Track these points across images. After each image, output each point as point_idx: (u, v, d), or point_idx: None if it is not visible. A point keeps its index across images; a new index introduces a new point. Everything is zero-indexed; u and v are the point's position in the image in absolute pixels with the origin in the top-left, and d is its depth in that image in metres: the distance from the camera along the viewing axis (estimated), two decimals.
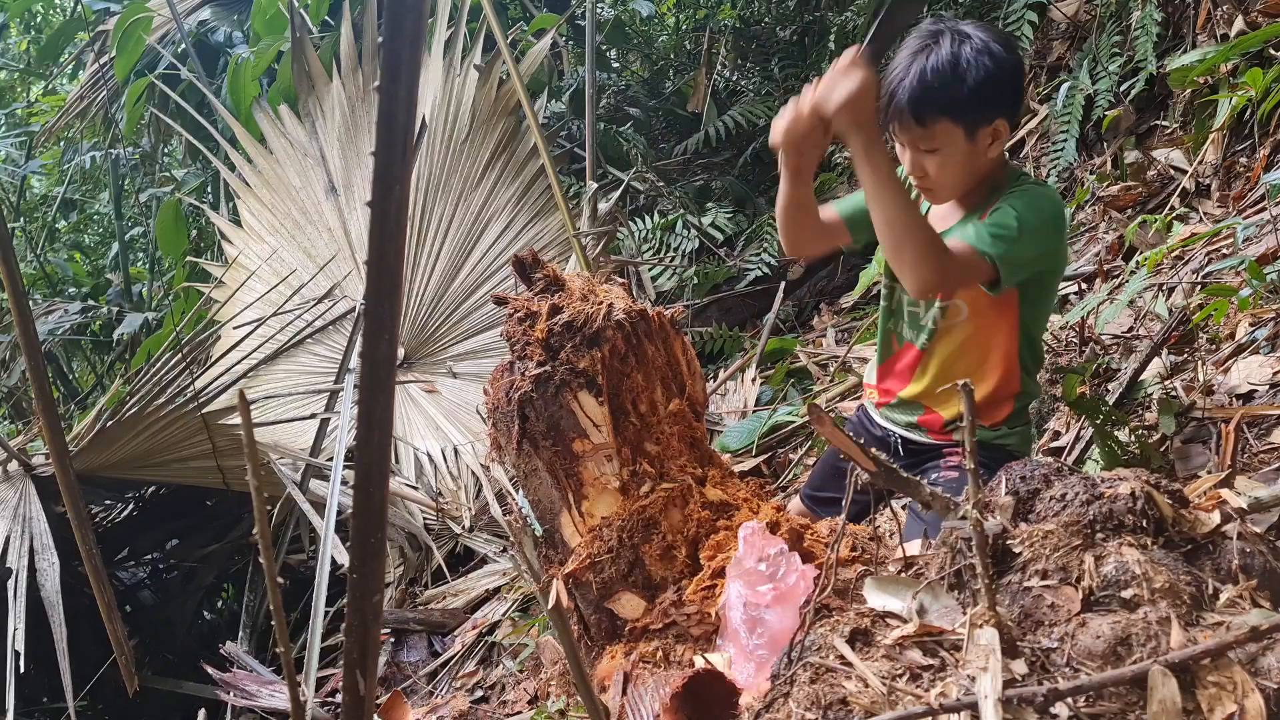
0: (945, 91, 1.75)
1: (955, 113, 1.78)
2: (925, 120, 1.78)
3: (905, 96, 1.77)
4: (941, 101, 1.77)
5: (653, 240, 4.95)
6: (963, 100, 1.77)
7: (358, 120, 4.78)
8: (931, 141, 1.81)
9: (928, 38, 1.79)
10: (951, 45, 1.75)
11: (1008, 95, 1.84)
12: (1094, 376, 2.71)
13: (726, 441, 3.48)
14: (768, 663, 1.48)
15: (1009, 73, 1.81)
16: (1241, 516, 1.32)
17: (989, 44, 1.77)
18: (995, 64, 1.76)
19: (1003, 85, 1.80)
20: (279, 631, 1.19)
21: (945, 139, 1.81)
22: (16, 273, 1.86)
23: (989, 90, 1.77)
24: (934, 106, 1.77)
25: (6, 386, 6.07)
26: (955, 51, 1.75)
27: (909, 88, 1.76)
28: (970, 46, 1.75)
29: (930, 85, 1.75)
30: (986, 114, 1.80)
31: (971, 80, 1.75)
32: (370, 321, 0.99)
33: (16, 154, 7.30)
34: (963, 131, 1.80)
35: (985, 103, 1.79)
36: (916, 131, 1.81)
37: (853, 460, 1.47)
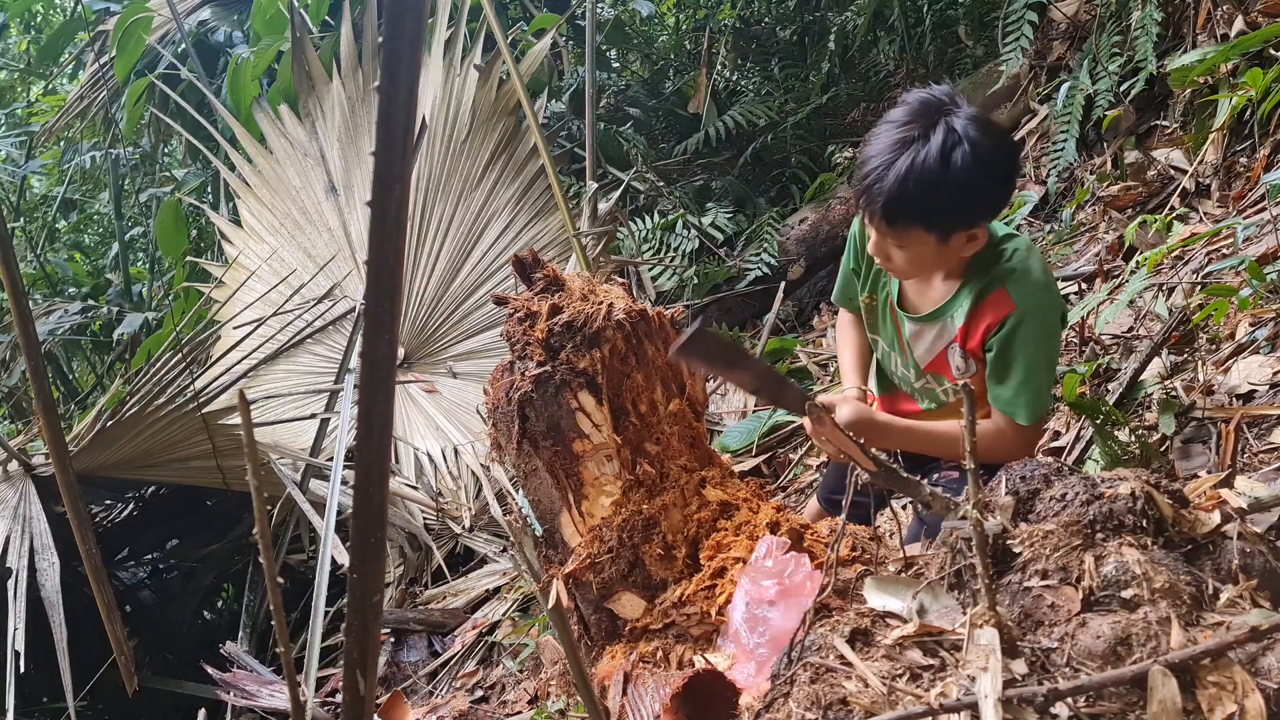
0: (924, 202, 1.62)
1: (931, 224, 1.66)
2: (897, 225, 1.67)
3: (881, 198, 1.63)
4: (917, 213, 1.64)
5: (653, 240, 4.95)
6: (940, 215, 1.65)
7: (358, 120, 4.78)
8: (901, 241, 1.71)
9: (916, 126, 1.62)
10: (942, 148, 1.58)
11: (992, 205, 1.71)
12: (1094, 376, 2.71)
13: (726, 441, 3.49)
14: (768, 662, 1.48)
15: (999, 182, 1.68)
16: (1241, 516, 1.33)
17: (980, 146, 1.59)
18: (983, 174, 1.60)
19: (987, 194, 1.67)
20: (279, 631, 1.19)
21: (916, 241, 1.70)
22: (16, 273, 1.86)
23: (970, 204, 1.65)
24: (909, 215, 1.65)
25: (6, 386, 6.06)
26: (943, 158, 1.58)
27: (887, 190, 1.62)
28: (960, 154, 1.58)
29: (909, 193, 1.60)
30: (965, 223, 1.68)
31: (954, 194, 1.61)
32: (370, 321, 0.99)
33: (16, 154, 7.30)
34: (935, 238, 1.69)
35: (965, 215, 1.67)
36: (885, 229, 1.70)
37: (853, 460, 1.47)
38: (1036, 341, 1.74)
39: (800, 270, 4.75)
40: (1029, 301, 1.72)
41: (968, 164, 1.58)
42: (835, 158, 5.10)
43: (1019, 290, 1.73)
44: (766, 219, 4.83)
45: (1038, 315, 1.73)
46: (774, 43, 5.95)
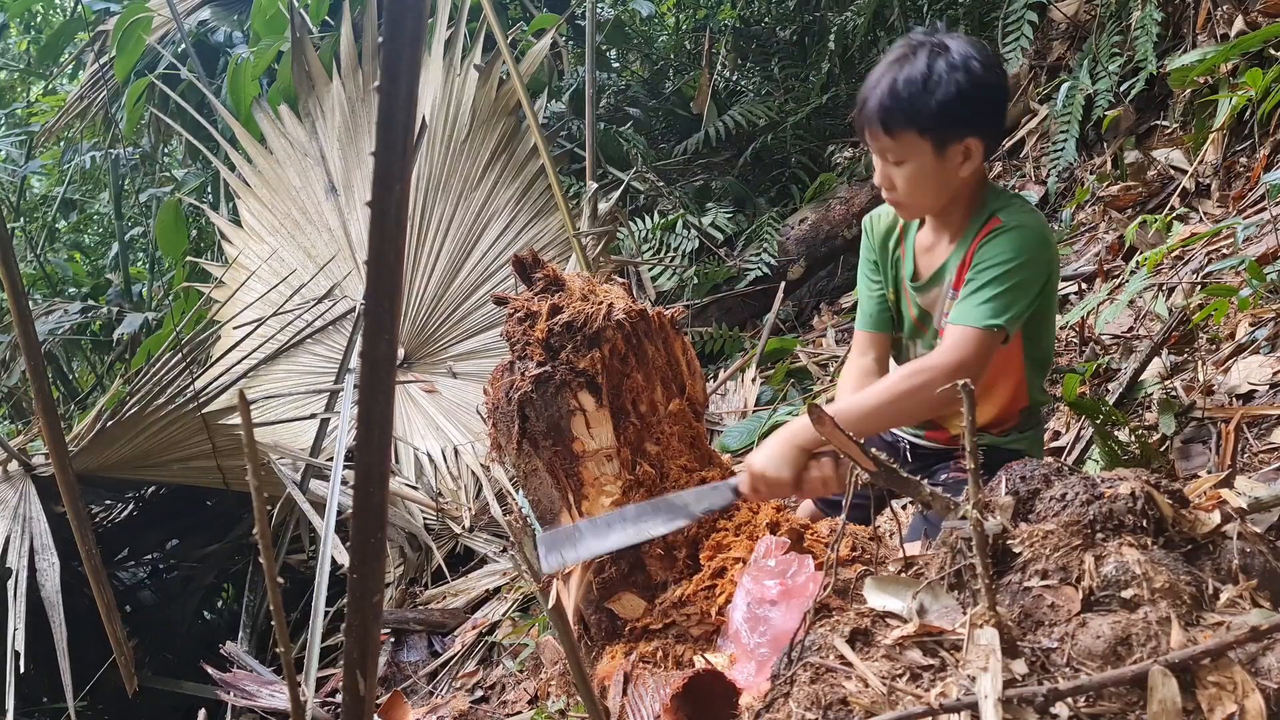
0: (913, 104, 1.73)
1: (922, 126, 1.75)
2: (892, 130, 1.77)
3: (874, 105, 1.76)
4: (908, 113, 1.74)
5: (653, 240, 4.95)
6: (930, 114, 1.73)
7: (358, 120, 4.78)
8: (899, 153, 1.79)
9: (906, 48, 1.77)
10: (928, 58, 1.72)
11: (982, 114, 1.78)
12: (1094, 376, 2.71)
13: (726, 441, 3.48)
14: (768, 662, 1.48)
15: (985, 91, 1.75)
16: (1241, 516, 1.33)
17: (968, 60, 1.72)
18: (970, 81, 1.71)
19: (975, 103, 1.74)
20: (279, 631, 1.19)
21: (912, 152, 1.78)
22: (16, 273, 1.86)
23: (958, 107, 1.73)
24: (901, 118, 1.75)
25: (6, 386, 6.06)
26: (930, 65, 1.72)
27: (879, 97, 1.75)
28: (945, 61, 1.71)
29: (899, 96, 1.73)
30: (956, 131, 1.76)
31: (941, 95, 1.71)
32: (370, 321, 0.99)
33: (16, 154, 7.30)
34: (930, 146, 1.76)
35: (954, 119, 1.74)
36: (884, 141, 1.79)
37: (853, 460, 1.47)
38: (1011, 255, 1.74)
39: (800, 270, 4.75)
40: (1015, 219, 1.78)
41: (952, 68, 1.70)
42: (835, 158, 5.10)
43: (1008, 215, 1.80)
44: (766, 219, 4.83)
45: (1021, 226, 1.77)
46: (774, 43, 5.95)
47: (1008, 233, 1.78)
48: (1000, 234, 1.78)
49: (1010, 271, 1.74)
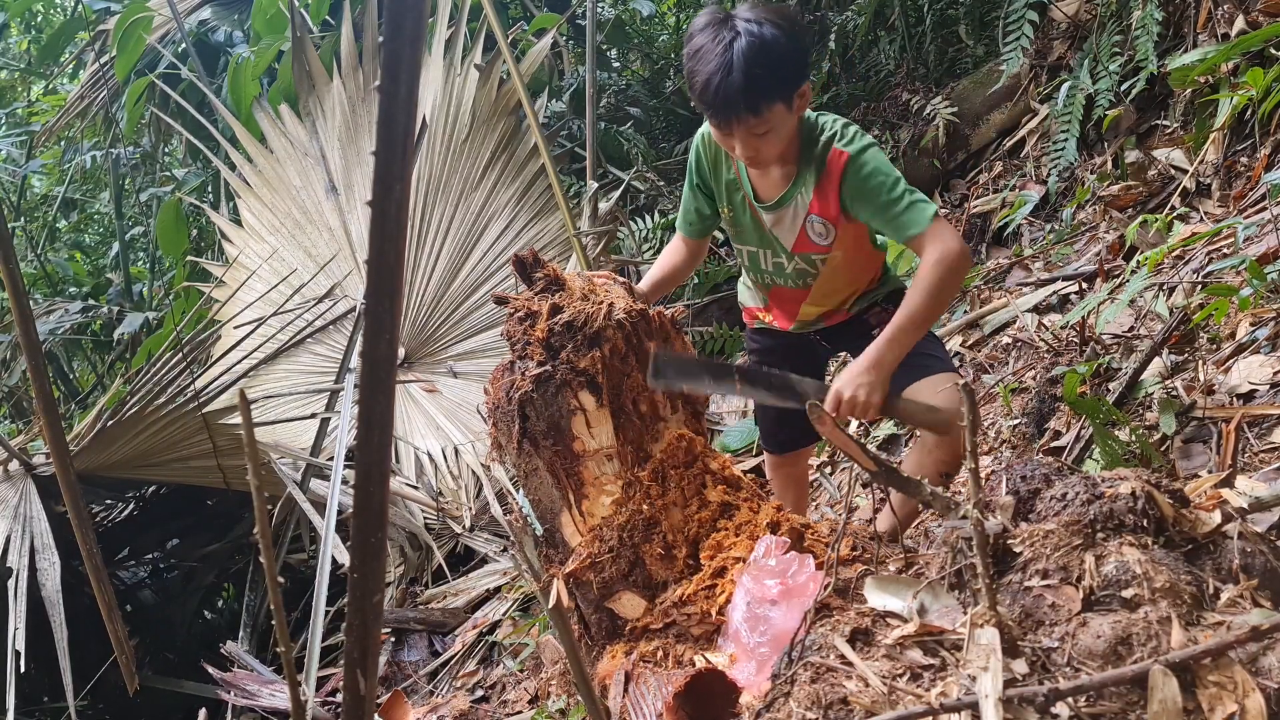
0: (770, 76, 1.83)
1: (782, 93, 1.86)
2: (760, 109, 1.85)
3: (740, 92, 1.82)
4: (769, 87, 1.84)
5: (653, 240, 4.95)
6: (784, 79, 1.85)
7: (358, 120, 4.78)
8: (764, 125, 1.88)
9: (718, 27, 1.85)
10: (749, 31, 1.82)
11: (805, 58, 1.95)
12: (1094, 376, 2.71)
13: (726, 441, 3.49)
14: (769, 661, 1.48)
15: (801, 38, 1.92)
16: (1242, 516, 1.32)
17: (776, 19, 1.85)
18: (793, 35, 1.86)
19: (802, 52, 1.91)
20: (279, 631, 1.19)
21: (775, 119, 1.89)
22: (17, 272, 1.86)
23: (797, 61, 1.88)
24: (766, 94, 1.84)
25: (7, 386, 6.07)
26: (756, 34, 1.81)
27: (737, 84, 1.81)
28: (765, 28, 1.82)
29: (756, 75, 1.81)
30: (799, 82, 1.89)
31: (785, 57, 1.84)
32: (370, 321, 0.99)
33: (17, 154, 7.30)
34: (784, 106, 1.89)
35: (797, 73, 1.88)
36: (751, 121, 1.87)
37: (853, 460, 1.47)
38: (879, 171, 1.95)
39: None
40: (850, 143, 1.97)
41: (777, 31, 1.83)
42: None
43: (841, 140, 1.98)
44: None
45: (861, 150, 1.96)
46: None
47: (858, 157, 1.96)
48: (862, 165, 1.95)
49: (896, 182, 1.95)
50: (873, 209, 1.97)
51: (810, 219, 2.05)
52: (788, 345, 2.35)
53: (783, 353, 2.36)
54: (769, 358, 2.39)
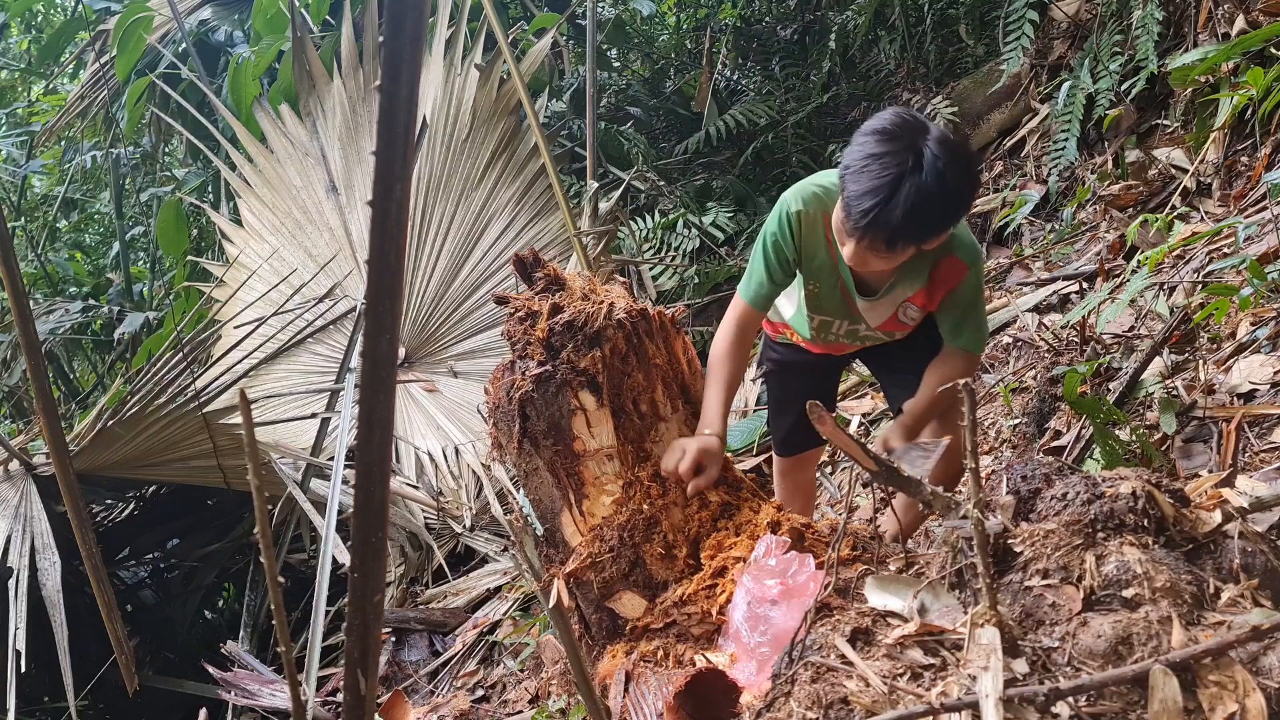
0: (926, 225, 1.75)
1: (926, 241, 1.80)
2: (897, 248, 1.77)
3: (889, 230, 1.71)
4: (919, 235, 1.76)
5: (653, 239, 4.95)
6: (937, 231, 1.79)
7: (358, 120, 4.78)
8: (893, 259, 1.82)
9: (903, 146, 1.70)
10: (935, 169, 1.68)
11: (966, 208, 1.87)
12: (1095, 376, 2.71)
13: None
14: (769, 661, 1.48)
15: (975, 190, 1.86)
16: (1243, 516, 1.32)
17: (961, 166, 1.72)
18: (969, 189, 1.78)
19: (968, 201, 1.84)
20: (280, 631, 1.19)
21: (904, 254, 1.82)
22: (17, 272, 1.86)
23: (959, 214, 1.81)
24: (910, 238, 1.76)
25: (7, 386, 6.07)
26: (941, 177, 1.68)
27: (896, 222, 1.70)
28: (951, 173, 1.69)
29: (915, 222, 1.71)
30: (944, 232, 1.82)
31: (949, 212, 1.76)
32: (371, 321, 0.99)
33: (17, 153, 7.30)
34: (919, 248, 1.83)
35: (952, 224, 1.81)
36: (883, 251, 1.78)
37: (854, 460, 1.47)
38: (977, 290, 2.05)
39: None
40: (971, 258, 1.99)
41: (956, 181, 1.72)
42: (836, 157, 5.09)
43: (964, 254, 1.97)
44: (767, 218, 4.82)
45: (976, 269, 2.01)
46: (775, 42, 5.95)
47: (975, 274, 2.00)
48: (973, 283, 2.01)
49: (982, 305, 2.09)
50: (958, 315, 2.04)
51: (907, 305, 2.07)
52: (811, 361, 2.36)
53: (806, 366, 2.37)
54: (789, 370, 2.41)
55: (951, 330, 2.07)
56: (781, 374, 2.45)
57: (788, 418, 2.44)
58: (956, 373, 2.03)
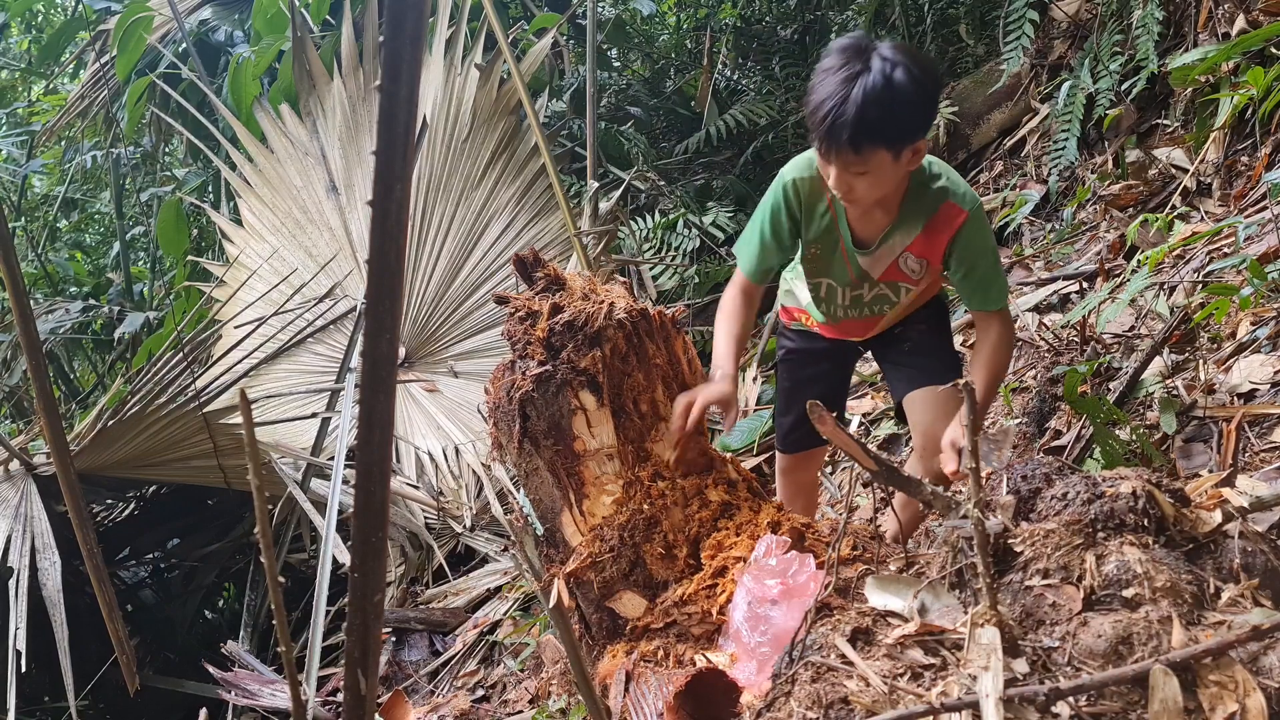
0: (882, 122, 1.78)
1: (890, 141, 1.82)
2: (862, 150, 1.81)
3: (848, 129, 1.78)
4: (878, 132, 1.80)
5: (654, 239, 4.95)
6: (897, 129, 1.81)
7: (359, 119, 4.78)
8: (863, 166, 1.85)
9: (853, 56, 1.79)
10: (884, 71, 1.76)
11: (930, 116, 1.91)
12: (1095, 375, 2.71)
13: (727, 441, 3.48)
14: (770, 661, 1.48)
15: (930, 93, 1.87)
16: (1243, 515, 1.33)
17: (912, 68, 1.78)
18: (920, 87, 1.80)
19: (925, 106, 1.86)
20: (280, 630, 1.19)
21: (875, 163, 1.85)
22: (17, 272, 1.86)
23: (918, 116, 1.84)
24: (872, 137, 1.80)
25: (8, 386, 6.07)
26: (888, 78, 1.75)
27: (851, 120, 1.77)
28: (899, 73, 1.76)
29: (870, 117, 1.76)
30: (912, 136, 1.85)
31: (906, 109, 1.79)
32: (371, 320, 0.99)
33: (18, 153, 7.30)
34: (891, 155, 1.85)
35: (915, 128, 1.84)
36: (850, 158, 1.84)
37: (855, 460, 1.47)
38: (985, 238, 2.04)
39: None
40: (971, 204, 2.00)
41: (908, 80, 1.77)
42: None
43: (960, 199, 2.00)
44: None
45: (976, 216, 2.01)
46: (775, 41, 5.95)
47: (976, 220, 2.00)
48: (977, 230, 2.01)
49: (995, 256, 2.08)
50: (966, 272, 2.05)
51: (905, 255, 2.07)
52: (824, 349, 2.37)
53: (819, 354, 2.39)
54: (803, 358, 2.42)
55: (972, 291, 2.08)
56: (793, 363, 2.46)
57: (795, 410, 2.45)
58: (997, 337, 2.08)
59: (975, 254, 2.02)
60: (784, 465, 2.56)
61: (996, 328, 2.08)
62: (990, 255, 2.05)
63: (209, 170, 5.89)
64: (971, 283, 2.06)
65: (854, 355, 2.47)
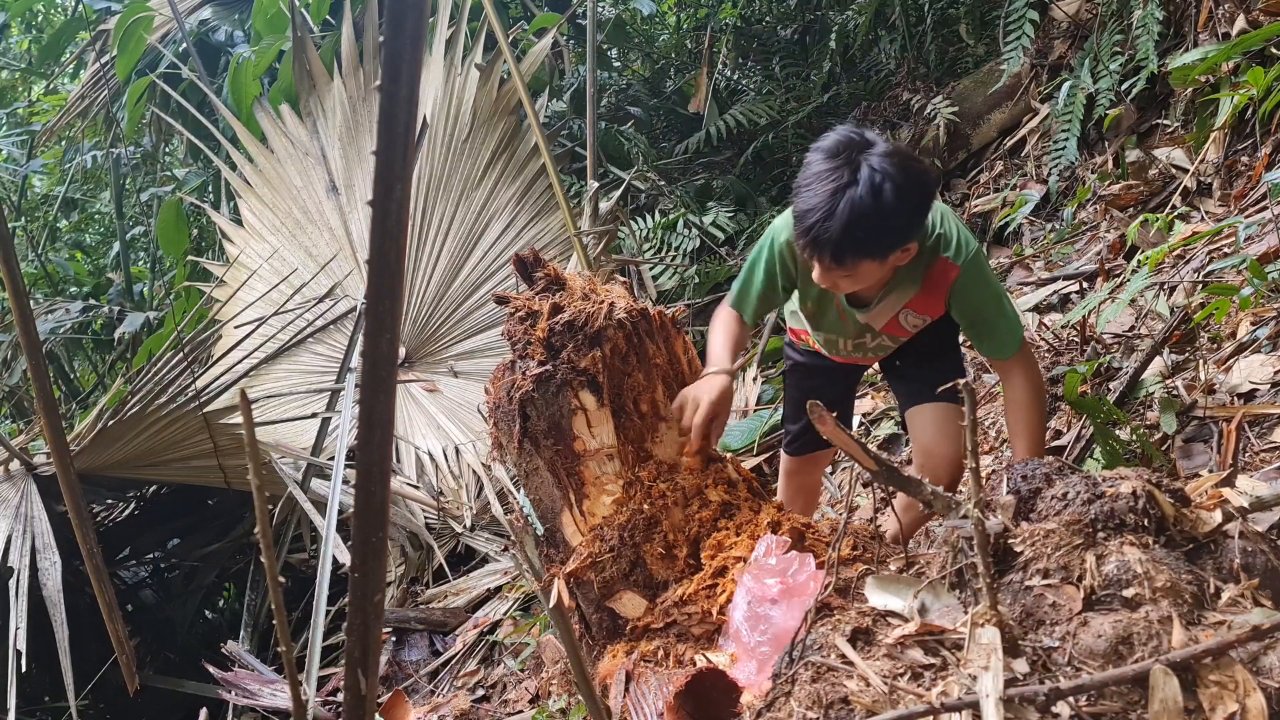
0: (867, 239, 1.75)
1: (875, 255, 1.80)
2: (845, 263, 1.79)
3: (830, 245, 1.75)
4: (862, 248, 1.77)
5: (654, 239, 4.95)
6: (882, 246, 1.79)
7: (359, 119, 4.78)
8: (848, 273, 1.84)
9: (842, 164, 1.74)
10: (870, 183, 1.70)
11: (920, 221, 1.86)
12: (1095, 375, 2.71)
13: (727, 441, 3.48)
14: (770, 661, 1.48)
15: (921, 202, 1.82)
16: (1243, 515, 1.33)
17: (899, 179, 1.73)
18: (908, 200, 1.75)
19: (916, 217, 1.82)
20: (280, 630, 1.19)
21: (861, 270, 1.83)
22: (18, 272, 1.86)
23: (905, 228, 1.80)
24: (857, 253, 1.78)
25: (8, 386, 6.07)
26: (876, 192, 1.70)
27: (835, 237, 1.73)
28: (888, 188, 1.71)
29: (855, 236, 1.73)
30: (900, 245, 1.82)
31: (889, 225, 1.76)
32: (371, 320, 0.99)
33: (18, 153, 7.30)
34: (877, 263, 1.83)
35: (900, 239, 1.81)
36: (834, 268, 1.81)
37: (855, 460, 1.47)
38: (984, 285, 1.99)
39: None
40: (964, 256, 1.95)
41: (894, 196, 1.71)
42: None
43: (954, 253, 1.95)
44: (767, 218, 4.83)
45: (972, 266, 1.96)
46: (775, 42, 5.96)
47: (971, 272, 1.95)
48: (970, 281, 1.96)
49: (998, 302, 2.02)
50: (969, 322, 2.03)
51: (905, 312, 2.06)
52: (828, 366, 2.36)
53: (823, 372, 2.38)
54: (808, 371, 2.41)
55: (979, 340, 2.05)
56: (801, 372, 2.45)
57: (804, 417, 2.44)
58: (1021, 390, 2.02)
59: (974, 306, 2.00)
60: (789, 467, 2.55)
61: (1019, 378, 2.03)
62: (991, 303, 2.00)
63: (209, 170, 5.89)
64: (976, 331, 2.04)
65: (862, 369, 2.47)
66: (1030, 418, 2.02)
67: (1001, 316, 2.01)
